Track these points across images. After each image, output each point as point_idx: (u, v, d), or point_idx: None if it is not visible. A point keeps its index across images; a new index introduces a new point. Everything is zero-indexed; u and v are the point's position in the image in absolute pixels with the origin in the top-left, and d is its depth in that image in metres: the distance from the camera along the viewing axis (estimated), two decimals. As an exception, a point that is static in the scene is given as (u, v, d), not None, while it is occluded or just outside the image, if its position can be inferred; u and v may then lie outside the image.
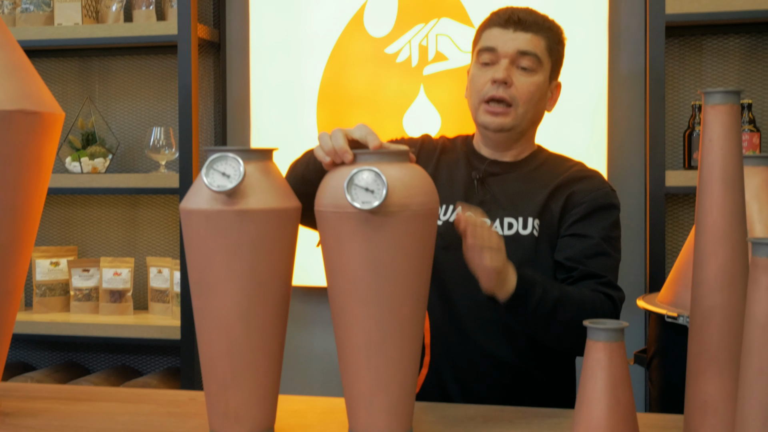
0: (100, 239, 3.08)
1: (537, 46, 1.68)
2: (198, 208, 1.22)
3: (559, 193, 1.69)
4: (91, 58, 3.06)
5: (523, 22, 1.68)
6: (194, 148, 2.67)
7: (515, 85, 1.67)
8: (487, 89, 1.67)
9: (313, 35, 2.73)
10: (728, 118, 1.15)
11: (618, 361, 1.16)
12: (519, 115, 1.68)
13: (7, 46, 1.47)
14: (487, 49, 1.69)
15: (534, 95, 1.69)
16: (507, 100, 1.66)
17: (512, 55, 1.67)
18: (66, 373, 2.95)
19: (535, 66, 1.68)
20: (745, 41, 2.57)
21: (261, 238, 1.22)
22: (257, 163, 1.24)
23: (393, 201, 1.18)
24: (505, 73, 1.66)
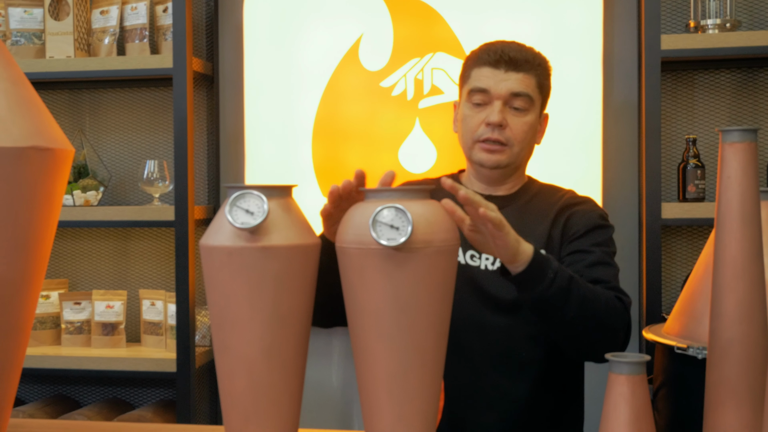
0: (91, 272, 3.07)
1: (529, 85, 1.71)
2: (220, 245, 1.23)
3: (558, 220, 1.73)
4: (81, 90, 3.06)
5: (514, 62, 1.69)
6: (189, 181, 2.68)
7: (509, 126, 1.69)
8: (481, 131, 1.70)
9: (308, 69, 2.75)
10: (746, 155, 1.18)
11: (640, 394, 1.18)
12: (514, 153, 1.71)
13: (19, 82, 1.47)
14: (480, 89, 1.70)
15: (527, 134, 1.72)
16: (502, 141, 1.69)
17: (505, 96, 1.69)
18: (57, 406, 2.92)
19: (528, 105, 1.71)
20: (736, 77, 2.63)
21: (284, 274, 1.23)
22: (279, 199, 1.25)
23: (417, 237, 1.20)
24: (499, 116, 1.68)
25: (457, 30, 2.65)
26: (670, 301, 2.63)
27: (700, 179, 2.46)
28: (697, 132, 2.64)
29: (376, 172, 1.89)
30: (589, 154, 2.59)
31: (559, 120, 2.60)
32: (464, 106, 1.74)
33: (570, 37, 2.60)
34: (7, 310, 1.42)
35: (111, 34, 2.84)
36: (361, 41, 2.72)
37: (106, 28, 2.85)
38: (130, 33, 2.84)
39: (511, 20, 2.62)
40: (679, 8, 2.65)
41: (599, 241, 1.71)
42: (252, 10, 2.81)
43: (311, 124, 2.75)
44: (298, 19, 2.76)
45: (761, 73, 2.61)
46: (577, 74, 2.59)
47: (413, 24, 2.68)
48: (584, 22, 2.59)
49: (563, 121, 2.60)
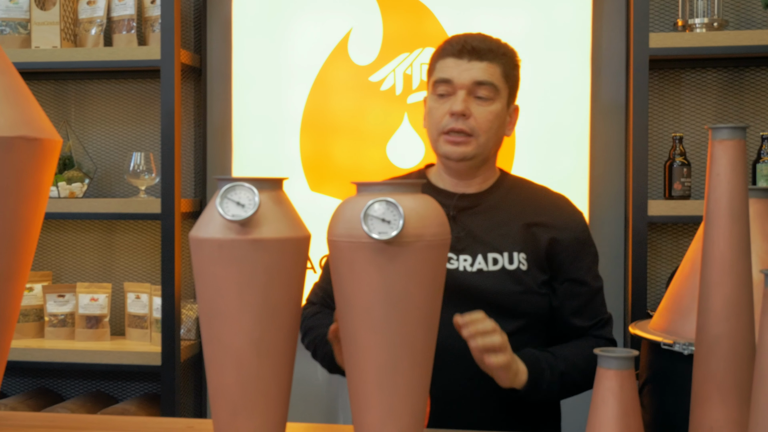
0: (76, 264, 3.05)
1: (493, 74, 1.68)
2: (210, 237, 1.22)
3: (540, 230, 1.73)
4: (67, 81, 3.04)
5: (477, 51, 1.67)
6: (176, 173, 2.66)
7: (474, 115, 1.67)
8: (446, 121, 1.68)
9: (297, 62, 2.75)
10: (735, 152, 1.19)
11: (628, 388, 1.19)
12: (480, 144, 1.69)
13: (6, 71, 1.46)
14: (443, 80, 1.69)
15: (493, 124, 1.69)
16: (466, 131, 1.67)
17: (468, 85, 1.67)
18: (39, 399, 2.90)
19: (493, 95, 1.68)
20: (723, 75, 2.64)
21: (274, 266, 1.23)
22: (269, 192, 1.25)
23: (408, 231, 1.20)
24: (462, 105, 1.66)
25: (446, 26, 2.65)
26: (655, 298, 2.64)
27: (686, 177, 2.47)
28: (684, 130, 2.65)
29: (365, 165, 1.90)
30: (576, 151, 2.60)
31: (547, 117, 2.61)
32: (430, 98, 1.73)
33: (559, 35, 2.61)
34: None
35: (98, 24, 2.82)
36: (351, 35, 2.72)
37: (93, 18, 2.83)
38: (117, 24, 2.83)
39: (501, 16, 2.63)
40: (667, 7, 2.66)
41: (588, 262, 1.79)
42: (241, 3, 2.80)
43: (299, 117, 2.74)
44: (288, 12, 2.76)
45: (747, 72, 2.63)
46: (565, 71, 2.60)
47: (403, 19, 2.68)
48: (573, 19, 2.60)
49: (551, 118, 2.61)
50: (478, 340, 1.49)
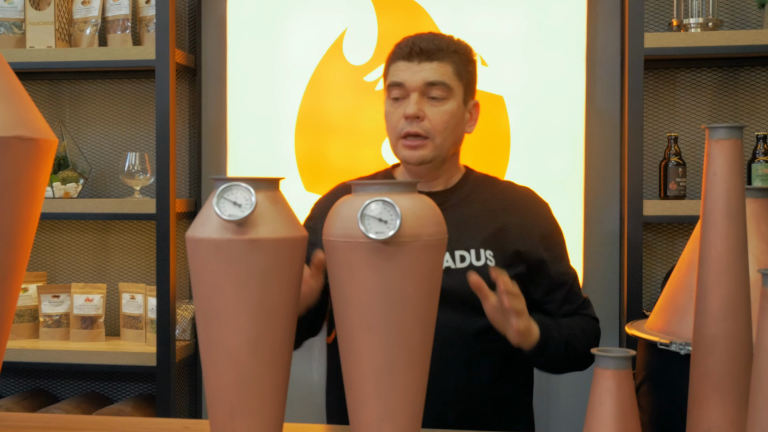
0: (70, 265, 3.04)
1: (444, 73, 1.67)
2: (207, 237, 1.22)
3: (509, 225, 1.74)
4: (62, 81, 3.03)
5: (426, 52, 1.67)
6: (171, 174, 2.66)
7: (428, 117, 1.67)
8: (401, 125, 1.68)
9: (292, 62, 2.74)
10: (732, 152, 1.19)
11: (626, 388, 1.19)
12: (437, 145, 1.68)
13: (1, 71, 1.45)
14: (396, 84, 1.69)
15: (449, 123, 1.68)
16: (422, 134, 1.67)
17: (420, 87, 1.66)
18: (34, 400, 2.89)
19: (446, 94, 1.67)
20: (717, 75, 2.65)
21: (271, 266, 1.22)
22: (266, 192, 1.24)
23: (405, 231, 1.19)
24: (415, 107, 1.66)
25: (441, 26, 2.65)
26: (650, 298, 2.65)
27: (681, 177, 2.47)
28: (679, 130, 2.66)
29: (360, 165, 1.90)
30: (571, 151, 2.60)
31: (542, 117, 2.61)
32: (386, 103, 1.73)
33: (554, 35, 2.61)
34: (-11, 302, 1.41)
35: (93, 24, 2.81)
36: (346, 35, 2.71)
37: (88, 18, 2.82)
38: (112, 24, 2.82)
39: (496, 16, 2.63)
40: (662, 7, 2.67)
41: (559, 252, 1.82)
42: (236, 3, 2.80)
43: (294, 117, 2.74)
44: (283, 12, 2.75)
45: (742, 72, 2.64)
46: (560, 72, 2.60)
47: (398, 19, 2.68)
48: (568, 19, 2.60)
49: (546, 119, 2.61)
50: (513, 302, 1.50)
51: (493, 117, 2.63)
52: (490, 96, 2.62)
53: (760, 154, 2.46)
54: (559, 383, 2.74)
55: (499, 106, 2.62)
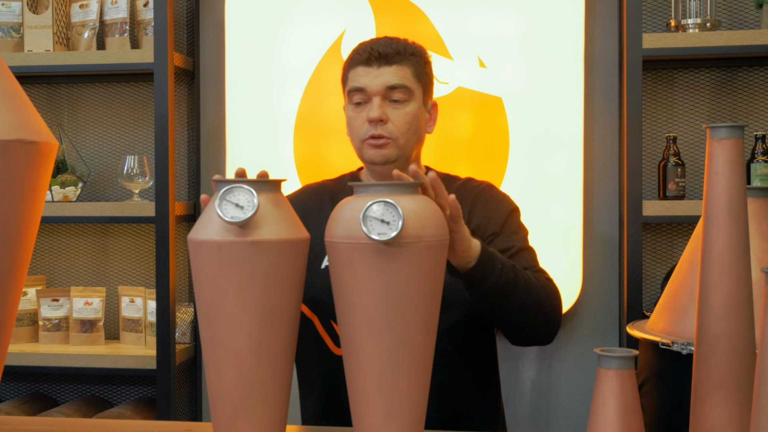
0: (69, 268, 3.04)
1: (404, 76, 1.70)
2: (209, 239, 1.22)
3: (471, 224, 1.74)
4: (60, 85, 3.03)
5: (385, 56, 1.69)
6: (170, 176, 2.66)
7: (391, 120, 1.69)
8: (365, 129, 1.70)
9: (291, 64, 2.74)
10: (733, 152, 1.19)
11: (629, 388, 1.19)
12: (401, 146, 1.71)
13: (3, 74, 1.45)
14: (357, 89, 1.72)
15: (411, 125, 1.71)
16: (386, 137, 1.69)
17: (382, 91, 1.69)
18: (33, 404, 2.89)
19: (407, 96, 1.70)
20: (715, 76, 2.65)
21: (273, 268, 1.22)
22: (268, 194, 1.25)
23: (407, 232, 1.19)
24: (379, 111, 1.68)
25: (439, 27, 2.66)
26: (649, 298, 2.65)
27: (680, 177, 2.48)
28: (677, 130, 2.66)
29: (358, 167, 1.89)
30: (570, 152, 2.60)
31: (541, 118, 2.62)
32: (347, 108, 1.76)
33: (552, 36, 2.61)
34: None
35: (90, 28, 2.81)
36: (344, 37, 2.71)
37: (86, 22, 2.82)
38: (110, 27, 2.82)
39: (494, 18, 2.63)
40: (660, 7, 2.67)
41: (514, 230, 1.76)
42: (234, 5, 2.80)
43: (293, 119, 2.74)
44: (281, 14, 2.76)
45: (740, 72, 2.64)
46: (558, 72, 2.61)
47: (396, 21, 2.68)
48: (566, 20, 2.61)
49: (545, 119, 2.62)
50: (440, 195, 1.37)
51: (491, 118, 2.63)
52: (489, 97, 2.63)
53: (758, 153, 2.46)
54: (559, 384, 2.74)
55: (498, 108, 2.62)
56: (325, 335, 1.75)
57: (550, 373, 2.74)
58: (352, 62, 1.75)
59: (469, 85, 2.63)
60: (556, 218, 2.59)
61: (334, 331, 1.72)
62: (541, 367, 2.74)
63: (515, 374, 2.75)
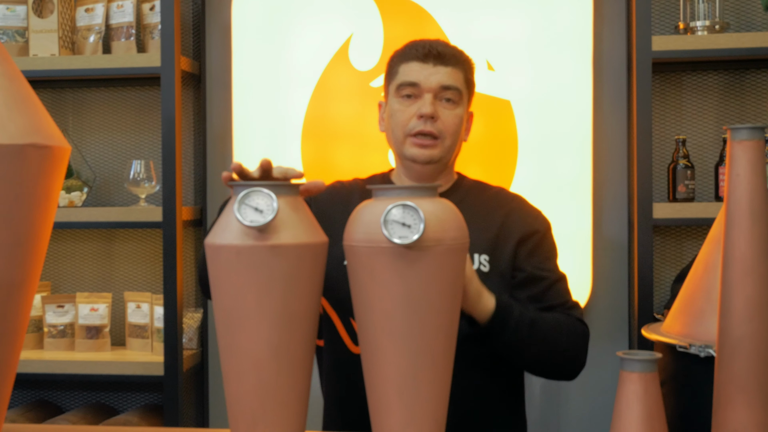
0: (75, 274, 3.02)
1: (457, 79, 1.72)
2: (228, 244, 1.21)
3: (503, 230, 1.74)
4: (65, 89, 3.02)
5: (442, 56, 1.71)
6: (177, 181, 2.65)
7: (441, 118, 1.69)
8: (413, 124, 1.69)
9: (298, 68, 2.74)
10: (755, 153, 1.18)
11: (653, 391, 1.18)
12: (446, 147, 1.71)
13: (15, 78, 1.44)
14: (409, 83, 1.71)
15: (459, 127, 1.73)
16: (435, 134, 1.69)
17: (435, 89, 1.69)
18: (38, 412, 2.87)
19: (457, 98, 1.72)
20: (723, 78, 2.65)
21: (293, 273, 1.21)
22: (286, 197, 1.24)
23: (428, 236, 1.18)
24: (432, 107, 1.68)
25: (447, 30, 2.65)
26: (659, 301, 2.64)
27: (690, 179, 2.47)
28: (685, 132, 2.66)
29: (367, 171, 1.89)
30: (579, 154, 2.60)
31: (550, 120, 2.61)
32: (393, 101, 1.74)
33: (560, 38, 2.61)
34: (5, 312, 1.39)
35: (96, 32, 2.80)
36: (351, 41, 2.71)
37: (92, 26, 2.81)
38: (116, 31, 2.81)
39: (502, 20, 2.63)
40: (668, 10, 2.66)
41: (547, 255, 1.77)
42: (240, 9, 2.79)
43: (300, 123, 2.73)
44: (288, 17, 2.75)
45: (748, 75, 2.64)
46: (567, 75, 2.60)
47: (403, 24, 2.68)
48: (574, 22, 2.60)
49: (554, 122, 2.61)
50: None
51: (500, 121, 2.62)
52: (497, 100, 2.62)
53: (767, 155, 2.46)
54: (569, 388, 2.73)
55: (506, 111, 2.62)
56: (344, 333, 1.74)
57: (559, 377, 2.73)
58: (405, 56, 1.74)
59: (477, 88, 2.61)
60: (565, 221, 2.58)
61: (353, 329, 1.72)
62: (550, 371, 2.73)
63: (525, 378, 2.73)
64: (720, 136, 2.63)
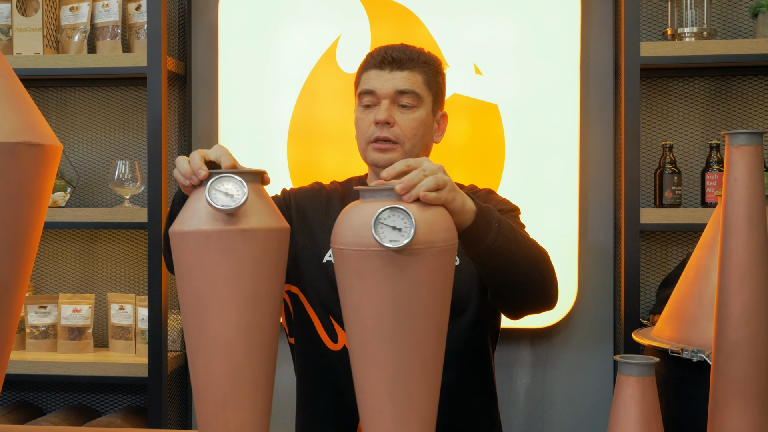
0: (57, 275, 2.99)
1: (415, 83, 1.71)
2: (197, 229, 1.21)
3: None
4: (48, 88, 2.99)
5: (397, 61, 1.71)
6: (163, 182, 2.63)
7: (398, 123, 1.70)
8: (371, 131, 1.71)
9: (284, 70, 2.73)
10: (753, 158, 1.19)
11: (650, 395, 1.19)
12: (406, 151, 1.71)
13: (8, 75, 1.43)
14: (367, 91, 1.72)
15: (418, 131, 1.72)
16: (392, 139, 1.70)
17: (391, 95, 1.70)
18: (19, 413, 2.84)
19: (416, 102, 1.71)
20: (710, 84, 2.67)
21: (261, 256, 1.23)
22: (253, 185, 1.26)
23: (419, 239, 1.17)
24: (386, 113, 1.69)
25: (435, 34, 2.65)
26: (644, 306, 2.65)
27: (676, 185, 2.49)
28: (671, 138, 2.67)
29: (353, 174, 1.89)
30: (566, 159, 2.61)
31: (537, 125, 2.62)
32: (357, 110, 1.76)
33: (548, 43, 2.62)
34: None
35: (81, 31, 2.78)
36: (339, 43, 2.70)
37: (77, 25, 2.78)
38: (101, 31, 2.79)
39: (489, 25, 2.63)
40: (656, 16, 2.68)
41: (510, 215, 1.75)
42: (227, 9, 2.78)
43: (287, 125, 2.72)
44: (275, 19, 2.74)
45: (734, 82, 2.66)
46: (554, 80, 2.61)
47: (391, 27, 2.68)
48: (562, 28, 2.61)
49: (540, 127, 2.62)
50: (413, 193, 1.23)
51: (487, 125, 2.63)
52: (485, 104, 2.63)
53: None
54: (554, 391, 2.74)
55: (494, 115, 2.62)
56: (323, 331, 1.74)
57: (544, 380, 2.74)
58: (365, 65, 1.76)
59: (464, 92, 2.63)
60: (551, 226, 2.59)
61: (333, 327, 1.72)
62: (535, 375, 2.74)
63: (509, 382, 2.74)
64: (707, 142, 2.65)
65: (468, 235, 1.41)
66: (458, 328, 1.69)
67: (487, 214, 1.43)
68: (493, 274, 1.56)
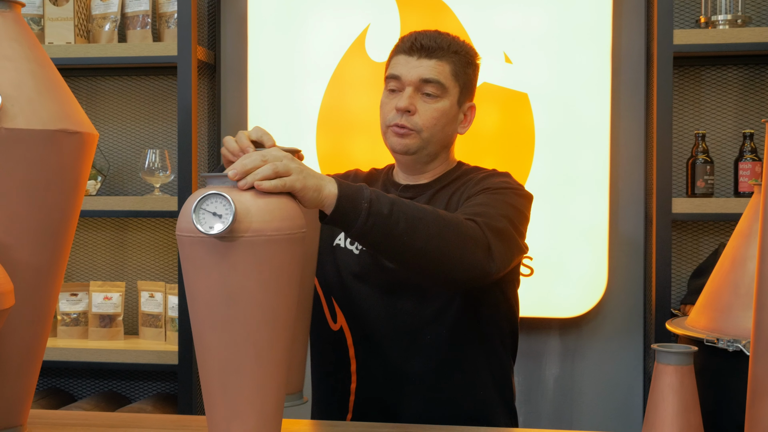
0: (88, 263, 3.02)
1: (441, 72, 1.68)
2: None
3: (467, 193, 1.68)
4: (79, 78, 3.01)
5: (426, 49, 1.68)
6: (193, 170, 2.64)
7: (419, 112, 1.67)
8: (391, 117, 1.69)
9: (314, 59, 2.73)
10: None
11: (688, 384, 1.18)
12: (424, 139, 1.68)
13: (46, 64, 1.44)
14: (393, 77, 1.70)
15: (439, 121, 1.68)
16: (409, 127, 1.67)
17: (415, 82, 1.67)
18: (51, 399, 2.87)
19: (440, 92, 1.68)
20: (743, 73, 2.64)
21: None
22: None
23: (243, 226, 1.15)
24: (407, 101, 1.66)
25: (465, 22, 2.64)
26: (676, 296, 2.64)
27: (709, 174, 2.47)
28: (704, 127, 2.65)
29: (382, 162, 1.88)
30: (597, 148, 2.59)
31: (568, 114, 2.60)
32: (383, 94, 1.75)
33: (579, 32, 2.60)
34: (33, 298, 1.39)
35: (112, 20, 2.79)
36: (368, 32, 2.70)
37: (107, 14, 2.80)
38: (131, 20, 2.80)
39: (519, 13, 2.62)
40: (690, 3, 2.65)
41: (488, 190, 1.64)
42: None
43: (316, 114, 2.72)
44: (304, 8, 2.74)
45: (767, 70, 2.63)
46: (586, 69, 2.59)
47: (421, 16, 2.67)
48: (593, 15, 2.59)
49: (571, 116, 2.60)
50: (248, 180, 1.21)
51: (517, 114, 2.62)
52: (515, 93, 2.61)
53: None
54: (584, 381, 2.73)
55: (524, 104, 2.61)
56: (327, 310, 1.75)
57: (573, 370, 2.73)
58: (396, 49, 1.74)
59: (494, 80, 2.62)
60: (581, 216, 2.58)
61: (334, 308, 1.73)
62: (564, 365, 2.73)
63: (538, 372, 2.73)
64: (740, 131, 2.62)
65: (335, 221, 1.35)
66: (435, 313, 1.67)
67: (354, 197, 1.34)
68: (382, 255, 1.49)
